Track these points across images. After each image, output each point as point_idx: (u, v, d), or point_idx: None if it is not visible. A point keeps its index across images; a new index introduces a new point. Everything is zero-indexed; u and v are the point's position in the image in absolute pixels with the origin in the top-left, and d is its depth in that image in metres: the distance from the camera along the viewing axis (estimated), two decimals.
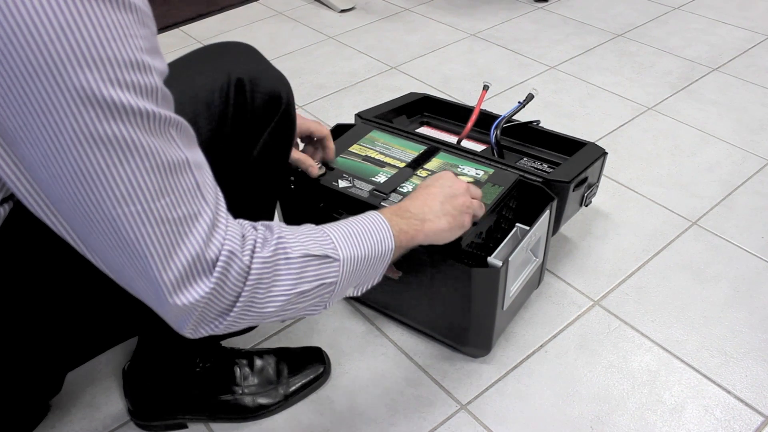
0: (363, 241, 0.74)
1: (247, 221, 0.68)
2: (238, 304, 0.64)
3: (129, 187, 0.56)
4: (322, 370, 1.09)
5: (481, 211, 0.94)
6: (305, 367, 1.08)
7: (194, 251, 0.60)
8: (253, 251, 0.64)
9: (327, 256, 0.70)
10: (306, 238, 0.70)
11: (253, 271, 0.64)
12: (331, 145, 1.08)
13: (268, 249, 0.66)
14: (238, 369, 1.04)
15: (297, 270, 0.67)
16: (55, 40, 0.50)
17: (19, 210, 0.65)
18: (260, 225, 0.68)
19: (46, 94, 0.51)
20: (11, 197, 0.65)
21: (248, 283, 0.64)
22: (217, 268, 0.61)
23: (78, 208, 0.56)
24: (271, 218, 0.98)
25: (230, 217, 0.65)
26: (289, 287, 0.67)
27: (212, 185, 0.64)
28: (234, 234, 0.63)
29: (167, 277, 0.59)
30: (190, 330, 0.65)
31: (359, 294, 0.79)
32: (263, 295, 0.66)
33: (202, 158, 0.63)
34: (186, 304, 0.61)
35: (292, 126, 0.90)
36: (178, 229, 0.59)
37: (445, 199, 0.88)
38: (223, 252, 0.62)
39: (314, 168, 1.06)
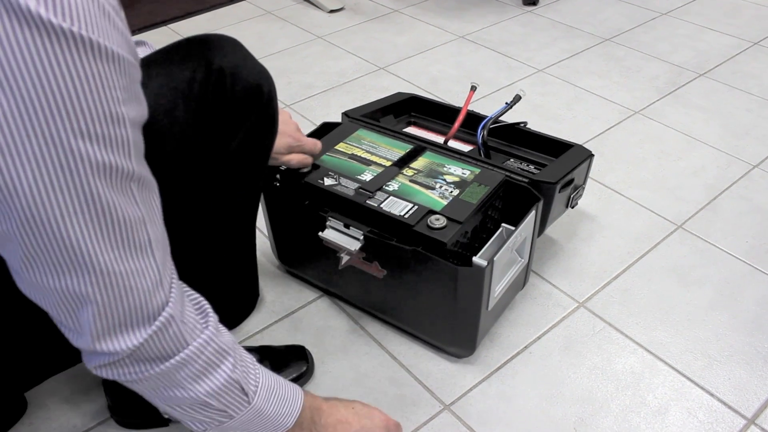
0: (275, 406, 0.76)
1: (195, 293, 0.69)
2: (162, 366, 0.65)
3: (80, 237, 0.56)
4: (305, 368, 1.08)
5: None
6: (288, 365, 1.07)
7: (133, 306, 0.61)
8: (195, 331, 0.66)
9: (247, 395, 0.72)
10: (242, 361, 0.72)
11: (190, 348, 0.65)
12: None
13: (205, 336, 0.67)
14: None
15: (219, 384, 0.69)
16: (30, 88, 0.49)
17: None
18: (210, 313, 0.70)
19: (11, 137, 0.50)
20: None
21: (177, 357, 0.65)
22: (153, 327, 0.62)
23: (24, 246, 0.55)
24: (253, 216, 0.97)
25: (175, 281, 0.65)
26: (203, 394, 0.68)
27: (163, 245, 0.64)
28: (176, 298, 0.64)
29: (99, 325, 0.60)
30: (96, 369, 0.65)
31: None
32: (181, 378, 0.67)
33: (157, 214, 0.63)
34: (108, 350, 0.61)
35: (273, 121, 0.89)
36: (122, 283, 0.59)
37: None
38: (164, 314, 0.63)
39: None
